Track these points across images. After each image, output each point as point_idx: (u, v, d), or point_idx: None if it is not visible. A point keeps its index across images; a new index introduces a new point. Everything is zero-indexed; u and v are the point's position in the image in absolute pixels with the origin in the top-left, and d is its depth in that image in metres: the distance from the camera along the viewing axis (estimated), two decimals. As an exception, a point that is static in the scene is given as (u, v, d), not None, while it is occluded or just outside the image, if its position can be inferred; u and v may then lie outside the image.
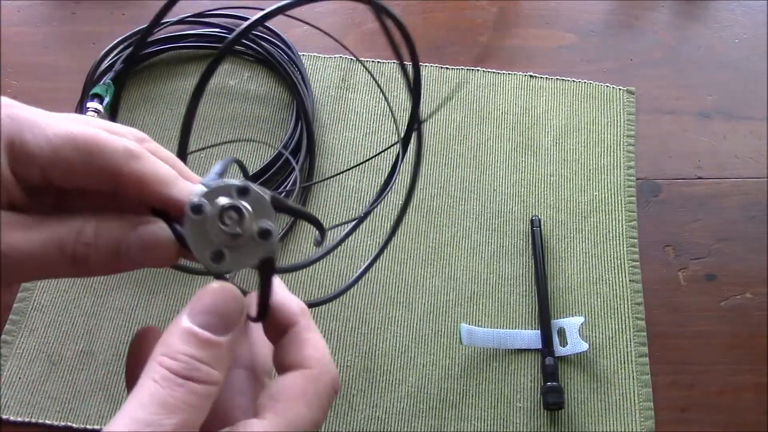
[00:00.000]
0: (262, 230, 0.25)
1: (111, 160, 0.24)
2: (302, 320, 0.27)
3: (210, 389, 0.23)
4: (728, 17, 0.65)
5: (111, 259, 0.24)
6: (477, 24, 0.65)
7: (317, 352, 0.26)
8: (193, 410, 0.22)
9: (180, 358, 0.23)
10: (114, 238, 0.24)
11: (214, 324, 0.24)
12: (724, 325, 0.50)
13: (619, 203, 0.55)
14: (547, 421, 0.46)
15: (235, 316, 0.24)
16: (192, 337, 0.23)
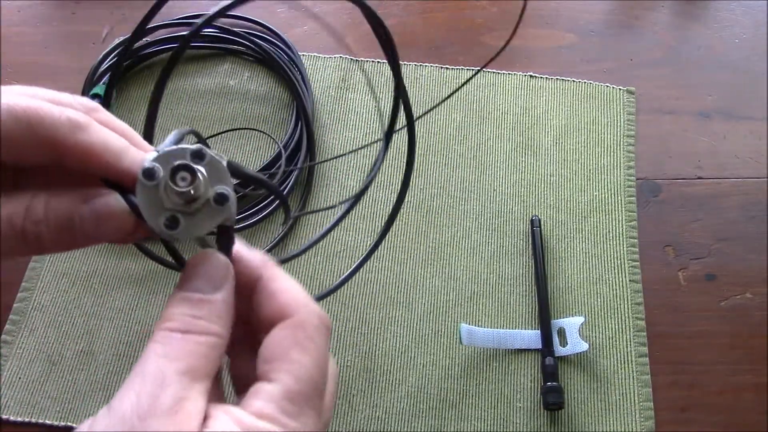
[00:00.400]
0: (219, 195, 0.24)
1: (53, 132, 0.23)
2: (265, 272, 0.26)
3: (210, 339, 0.23)
4: (728, 17, 0.65)
5: (64, 234, 0.24)
6: (477, 24, 0.65)
7: (291, 297, 0.25)
8: (196, 358, 0.23)
9: (176, 317, 0.23)
10: (65, 213, 0.24)
11: (201, 286, 0.24)
12: (724, 325, 0.50)
13: (619, 203, 0.55)
14: (547, 421, 0.46)
15: (220, 274, 0.25)
16: (184, 301, 0.24)
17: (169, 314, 0.24)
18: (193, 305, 0.24)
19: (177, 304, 0.24)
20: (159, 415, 0.21)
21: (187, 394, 0.22)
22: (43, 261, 0.52)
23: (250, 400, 0.23)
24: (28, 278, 0.51)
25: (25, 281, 0.51)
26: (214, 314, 0.24)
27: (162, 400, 0.21)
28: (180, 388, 0.22)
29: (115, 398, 0.22)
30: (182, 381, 0.22)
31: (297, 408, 0.23)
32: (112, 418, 0.21)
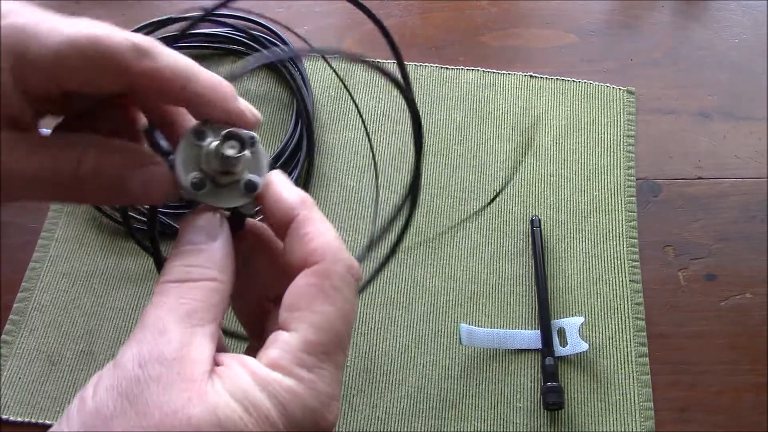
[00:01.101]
0: (250, 181, 0.25)
1: (118, 59, 0.23)
2: (301, 211, 0.25)
3: (207, 284, 0.23)
4: (728, 17, 0.65)
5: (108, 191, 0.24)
6: (477, 24, 0.65)
7: (322, 242, 0.24)
8: (197, 303, 0.23)
9: (173, 270, 0.24)
10: (113, 173, 0.24)
11: (194, 238, 0.24)
12: (724, 325, 0.50)
13: (619, 203, 0.55)
14: (547, 421, 0.46)
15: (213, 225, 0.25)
16: (179, 254, 0.24)
17: (166, 269, 0.24)
18: (186, 255, 0.24)
19: (172, 258, 0.24)
20: (160, 361, 0.21)
21: (188, 339, 0.22)
22: (43, 261, 0.52)
23: (266, 349, 0.23)
24: (28, 278, 0.51)
25: (25, 281, 0.51)
26: (209, 260, 0.24)
27: (162, 347, 0.21)
28: (180, 334, 0.22)
29: (119, 352, 0.22)
30: (182, 327, 0.22)
31: (314, 360, 0.23)
32: (116, 370, 0.21)
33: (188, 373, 0.21)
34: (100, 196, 0.25)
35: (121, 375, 0.21)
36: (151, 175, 0.24)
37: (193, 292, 0.23)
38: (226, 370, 0.22)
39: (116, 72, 0.23)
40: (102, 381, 0.21)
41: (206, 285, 0.23)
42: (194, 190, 0.24)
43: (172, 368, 0.21)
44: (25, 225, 0.53)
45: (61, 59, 0.22)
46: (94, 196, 0.25)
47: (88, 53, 0.23)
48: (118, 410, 0.20)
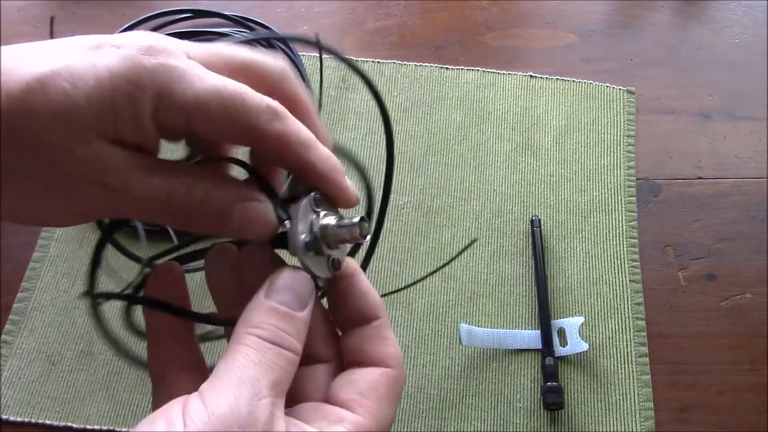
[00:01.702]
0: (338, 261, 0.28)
1: (254, 118, 0.25)
2: (383, 316, 0.28)
3: (293, 357, 0.25)
4: (728, 17, 0.65)
5: (212, 222, 0.26)
6: (477, 24, 0.65)
7: (398, 353, 0.27)
8: (282, 372, 0.24)
9: (267, 327, 0.24)
10: (220, 205, 0.25)
11: (291, 301, 0.25)
12: (724, 325, 0.50)
13: (619, 203, 0.55)
14: (547, 421, 0.46)
15: (307, 294, 0.26)
16: (275, 312, 0.25)
17: (258, 322, 0.25)
18: (281, 318, 0.25)
19: (266, 313, 0.25)
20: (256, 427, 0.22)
21: (276, 411, 0.23)
22: (43, 261, 0.52)
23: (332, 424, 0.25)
24: (28, 278, 0.51)
25: (25, 281, 0.51)
26: (297, 331, 0.25)
27: (259, 413, 0.22)
28: (271, 403, 0.23)
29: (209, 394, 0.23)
30: (272, 395, 0.23)
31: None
32: (210, 415, 0.22)
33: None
34: (204, 224, 0.26)
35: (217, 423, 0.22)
36: (253, 211, 0.26)
37: (283, 361, 0.24)
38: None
39: (248, 129, 0.25)
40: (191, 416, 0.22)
41: (292, 357, 0.25)
42: (305, 249, 0.26)
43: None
44: (25, 225, 0.53)
45: (201, 106, 0.24)
46: (198, 224, 0.26)
47: (227, 106, 0.24)
48: None
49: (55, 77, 0.22)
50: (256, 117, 0.25)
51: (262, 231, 0.26)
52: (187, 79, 0.24)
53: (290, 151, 0.26)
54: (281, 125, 0.25)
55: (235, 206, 0.25)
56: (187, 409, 0.22)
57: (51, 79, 0.22)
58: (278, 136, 0.25)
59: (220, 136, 0.26)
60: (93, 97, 0.23)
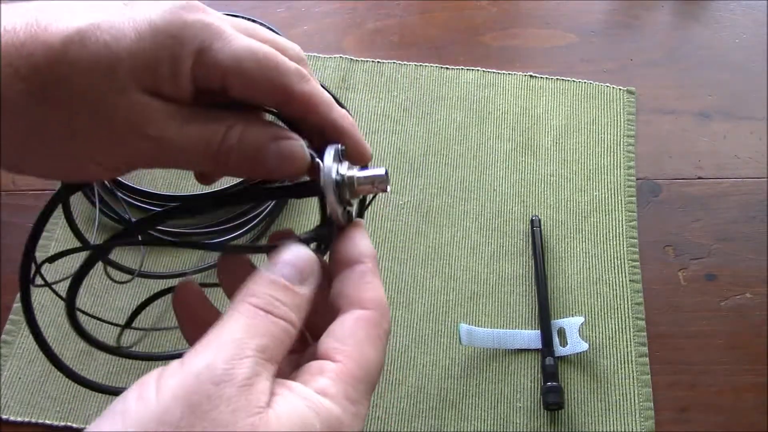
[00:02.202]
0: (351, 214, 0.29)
1: (286, 79, 0.26)
2: (370, 263, 0.28)
3: (288, 326, 0.24)
4: (728, 17, 0.65)
5: (249, 162, 0.26)
6: (477, 24, 0.65)
7: (379, 295, 0.27)
8: (272, 339, 0.24)
9: (262, 296, 0.25)
10: (256, 145, 0.26)
11: (290, 274, 0.25)
12: (724, 325, 0.50)
13: (619, 203, 0.55)
14: (547, 421, 0.46)
15: (310, 270, 0.26)
16: (273, 283, 0.25)
17: (255, 290, 0.25)
18: (278, 289, 0.25)
19: (264, 283, 0.25)
20: (233, 384, 0.22)
21: (260, 370, 0.23)
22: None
23: (314, 376, 0.24)
24: (28, 278, 0.51)
25: (25, 281, 0.51)
26: (295, 304, 0.25)
27: (238, 370, 0.22)
28: (255, 363, 0.23)
29: (190, 355, 0.22)
30: (258, 357, 0.23)
31: (357, 395, 0.24)
32: (185, 374, 0.22)
33: (254, 401, 0.22)
34: (241, 166, 0.26)
35: (192, 385, 0.21)
36: (289, 148, 0.27)
37: (274, 328, 0.24)
38: (281, 398, 0.23)
39: (279, 87, 0.26)
40: (166, 381, 0.21)
41: (286, 327, 0.25)
42: (336, 189, 0.27)
43: (242, 393, 0.22)
44: (25, 225, 0.53)
45: (238, 63, 0.25)
46: (236, 167, 0.26)
47: (263, 65, 0.25)
48: (185, 422, 0.21)
49: (95, 30, 0.23)
50: (288, 77, 0.26)
51: (297, 167, 0.27)
52: (225, 36, 0.25)
53: (316, 110, 0.27)
54: (309, 86, 0.27)
55: (270, 144, 0.26)
56: (164, 372, 0.22)
57: (91, 32, 0.23)
58: (307, 96, 0.26)
59: (252, 94, 0.26)
60: (134, 50, 0.23)
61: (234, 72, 0.25)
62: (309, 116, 0.27)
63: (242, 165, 0.26)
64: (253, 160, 0.26)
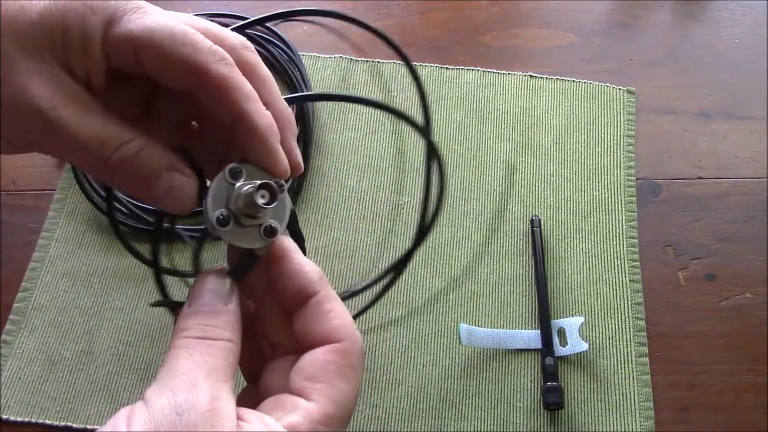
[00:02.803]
0: (271, 227, 0.27)
1: (201, 56, 0.25)
2: (321, 289, 0.27)
3: (226, 344, 0.25)
4: (728, 17, 0.65)
5: (137, 183, 0.26)
6: (477, 24, 0.65)
7: (343, 323, 0.27)
8: (217, 361, 0.24)
9: (193, 327, 0.25)
10: (149, 169, 0.25)
11: (210, 300, 0.26)
12: (724, 325, 0.50)
13: (619, 203, 0.55)
14: (547, 421, 0.46)
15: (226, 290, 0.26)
16: (196, 313, 0.26)
17: (185, 325, 0.25)
18: (204, 316, 0.25)
19: (191, 316, 0.26)
20: (197, 411, 0.22)
21: (218, 394, 0.23)
22: (43, 261, 0.52)
23: (286, 413, 0.24)
24: (28, 278, 0.51)
25: (25, 281, 0.51)
26: (225, 323, 0.26)
27: (197, 398, 0.23)
28: (209, 388, 0.23)
29: (149, 394, 0.23)
30: (210, 382, 0.23)
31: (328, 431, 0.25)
32: (151, 412, 0.22)
33: (219, 426, 0.22)
34: (128, 183, 0.26)
35: (158, 419, 0.22)
36: (180, 184, 0.26)
37: (214, 350, 0.25)
38: (251, 427, 0.23)
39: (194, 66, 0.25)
40: (136, 419, 0.22)
41: (225, 345, 0.25)
42: (218, 225, 0.26)
43: (207, 420, 0.22)
44: (25, 225, 0.53)
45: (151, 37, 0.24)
46: (122, 181, 0.26)
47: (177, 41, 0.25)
48: None
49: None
50: (203, 55, 0.25)
51: (183, 205, 0.26)
52: (141, 11, 0.25)
53: (230, 98, 0.26)
54: (226, 69, 0.25)
55: (163, 173, 0.26)
56: (132, 413, 0.22)
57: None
58: (221, 79, 0.25)
59: (167, 72, 0.25)
60: (45, 12, 0.23)
61: (145, 44, 0.24)
62: (223, 104, 0.26)
63: (129, 182, 0.26)
64: (142, 182, 0.26)
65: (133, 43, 0.24)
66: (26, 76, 0.23)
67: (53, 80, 0.23)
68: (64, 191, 0.54)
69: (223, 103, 0.26)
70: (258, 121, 0.26)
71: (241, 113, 0.26)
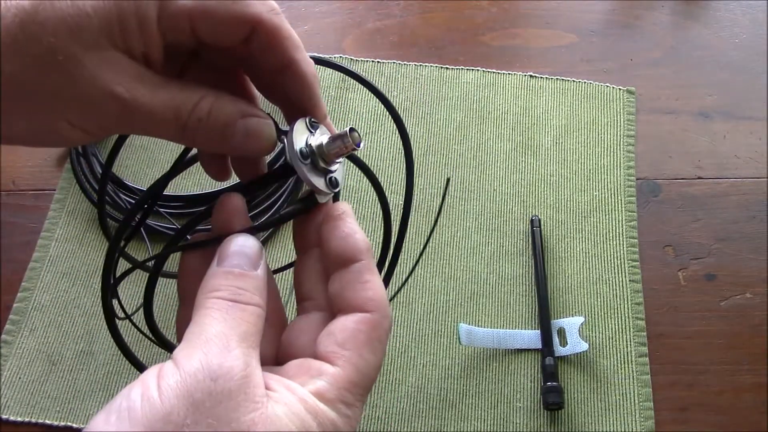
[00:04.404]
0: (336, 180, 0.29)
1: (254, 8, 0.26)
2: (365, 258, 0.28)
3: (257, 309, 0.25)
4: (728, 17, 0.65)
5: (217, 136, 0.27)
6: (477, 24, 0.65)
7: (378, 295, 0.27)
8: (249, 326, 0.24)
9: (225, 288, 0.25)
10: (224, 120, 0.26)
11: (242, 263, 0.26)
12: (724, 325, 0.50)
13: (619, 203, 0.55)
14: (547, 421, 0.46)
15: (256, 254, 0.27)
16: (229, 274, 0.26)
17: (216, 285, 0.25)
18: (236, 278, 0.26)
19: (222, 276, 0.26)
20: (231, 378, 0.22)
21: (249, 360, 0.23)
22: (43, 261, 0.52)
23: (310, 378, 0.25)
24: (28, 278, 0.51)
25: (25, 281, 0.51)
26: (255, 288, 0.26)
27: (231, 363, 0.22)
28: (243, 353, 0.23)
29: (180, 356, 0.23)
30: (243, 347, 0.23)
31: (353, 400, 0.25)
32: (183, 375, 0.22)
33: (252, 395, 0.22)
34: (209, 140, 0.27)
35: (192, 383, 0.22)
36: (256, 126, 0.27)
37: (246, 315, 0.25)
38: (279, 396, 0.23)
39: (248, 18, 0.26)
40: (166, 381, 0.22)
41: (255, 311, 0.25)
42: (302, 159, 0.27)
43: (241, 387, 0.22)
44: (25, 225, 0.53)
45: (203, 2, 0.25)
46: (203, 139, 0.27)
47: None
48: (190, 420, 0.21)
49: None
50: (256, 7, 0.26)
51: (263, 146, 0.27)
52: None
53: (282, 45, 0.27)
54: (279, 19, 0.27)
55: (238, 120, 0.27)
56: (162, 373, 0.22)
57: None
58: (275, 28, 0.26)
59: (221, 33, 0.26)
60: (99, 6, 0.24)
61: (201, 13, 0.25)
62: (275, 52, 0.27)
63: (209, 138, 0.27)
64: (220, 135, 0.27)
65: (189, 15, 0.25)
66: (94, 68, 0.24)
67: (118, 66, 0.24)
68: (64, 191, 0.54)
69: (274, 52, 0.27)
70: (306, 69, 0.28)
71: (290, 60, 0.27)
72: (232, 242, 0.27)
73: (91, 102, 0.24)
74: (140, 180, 0.55)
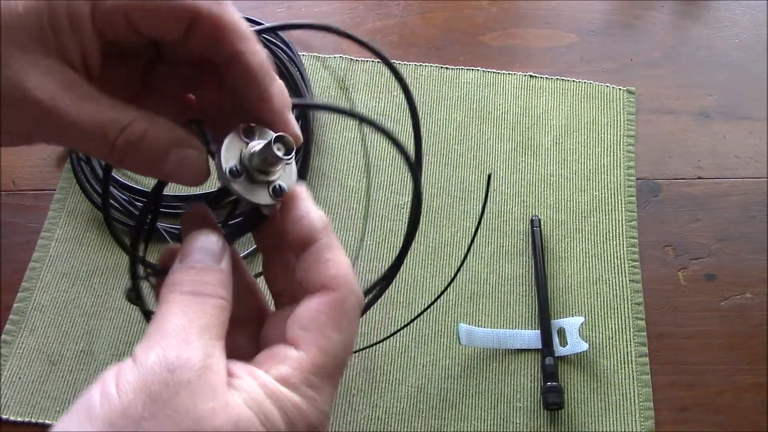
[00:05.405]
0: (280, 186, 0.27)
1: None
2: (323, 237, 0.27)
3: (220, 302, 0.25)
4: (728, 17, 0.65)
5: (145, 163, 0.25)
6: (477, 24, 0.65)
7: (340, 271, 0.26)
8: (211, 318, 0.24)
9: (186, 282, 0.25)
10: (158, 147, 0.25)
11: (204, 258, 0.26)
12: (724, 325, 0.50)
13: (619, 203, 0.55)
14: (547, 421, 0.46)
15: (219, 249, 0.26)
16: (190, 269, 0.25)
17: (177, 279, 0.25)
18: (197, 272, 0.25)
19: (183, 271, 0.25)
20: (189, 368, 0.22)
21: (210, 351, 0.23)
22: (43, 261, 0.52)
23: (275, 364, 0.24)
24: (28, 278, 0.51)
25: (25, 281, 0.51)
26: (218, 280, 0.25)
27: (189, 354, 0.22)
28: (203, 345, 0.23)
29: (139, 351, 0.23)
30: (203, 339, 0.23)
31: (319, 381, 0.24)
32: (140, 370, 0.22)
33: (212, 383, 0.22)
34: (137, 163, 0.26)
35: (148, 376, 0.21)
36: (187, 157, 0.26)
37: (208, 307, 0.24)
38: (240, 382, 0.23)
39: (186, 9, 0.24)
40: (124, 378, 0.22)
41: (218, 302, 0.25)
42: (231, 176, 0.26)
43: (199, 377, 0.22)
44: (25, 225, 0.53)
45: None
46: (131, 162, 0.25)
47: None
48: (148, 413, 0.21)
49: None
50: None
51: (195, 177, 0.26)
52: None
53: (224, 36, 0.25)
54: (220, 8, 0.25)
55: (173, 150, 0.25)
56: (120, 371, 0.22)
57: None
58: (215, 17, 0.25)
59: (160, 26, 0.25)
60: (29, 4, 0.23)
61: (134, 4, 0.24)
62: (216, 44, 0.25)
63: (139, 162, 0.26)
64: (152, 161, 0.26)
65: (123, 10, 0.24)
66: (19, 70, 0.23)
67: (47, 70, 0.23)
68: (64, 191, 0.54)
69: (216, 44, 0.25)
70: (251, 60, 0.26)
71: (234, 52, 0.26)
72: (193, 239, 0.26)
73: (9, 104, 0.23)
74: (140, 180, 0.55)
